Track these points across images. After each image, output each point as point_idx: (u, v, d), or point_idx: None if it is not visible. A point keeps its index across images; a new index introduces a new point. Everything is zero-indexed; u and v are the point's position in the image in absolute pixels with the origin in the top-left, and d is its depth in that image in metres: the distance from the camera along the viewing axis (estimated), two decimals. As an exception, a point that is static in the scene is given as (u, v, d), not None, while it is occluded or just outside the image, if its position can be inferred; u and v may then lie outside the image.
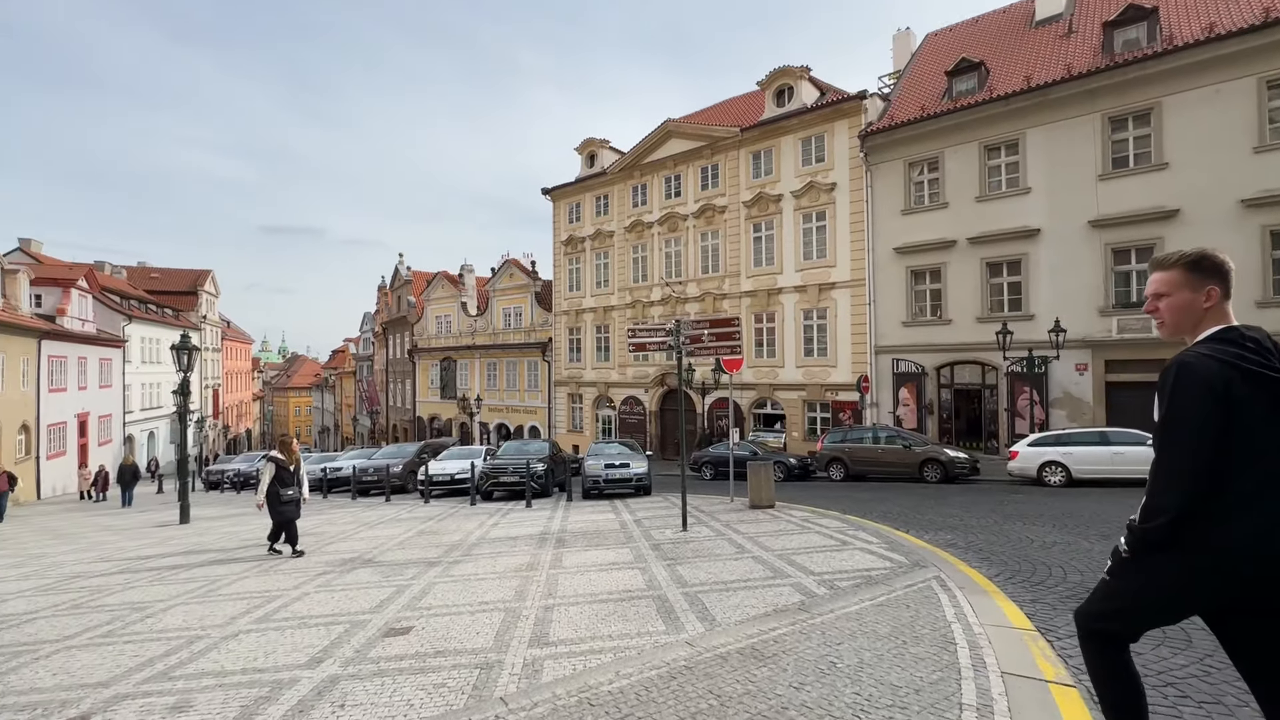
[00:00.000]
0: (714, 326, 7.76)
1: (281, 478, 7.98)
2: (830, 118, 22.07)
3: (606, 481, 13.42)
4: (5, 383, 23.77)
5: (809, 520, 8.68)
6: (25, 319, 26.24)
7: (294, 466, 8.17)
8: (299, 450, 8.45)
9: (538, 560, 6.77)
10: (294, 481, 8.11)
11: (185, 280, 52.65)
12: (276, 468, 8.01)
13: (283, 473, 8.01)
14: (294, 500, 8.03)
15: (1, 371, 23.57)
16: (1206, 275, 1.84)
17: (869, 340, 21.05)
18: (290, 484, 8.04)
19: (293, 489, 8.04)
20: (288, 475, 8.04)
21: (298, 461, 8.28)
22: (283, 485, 7.94)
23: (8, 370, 24.00)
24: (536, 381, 33.29)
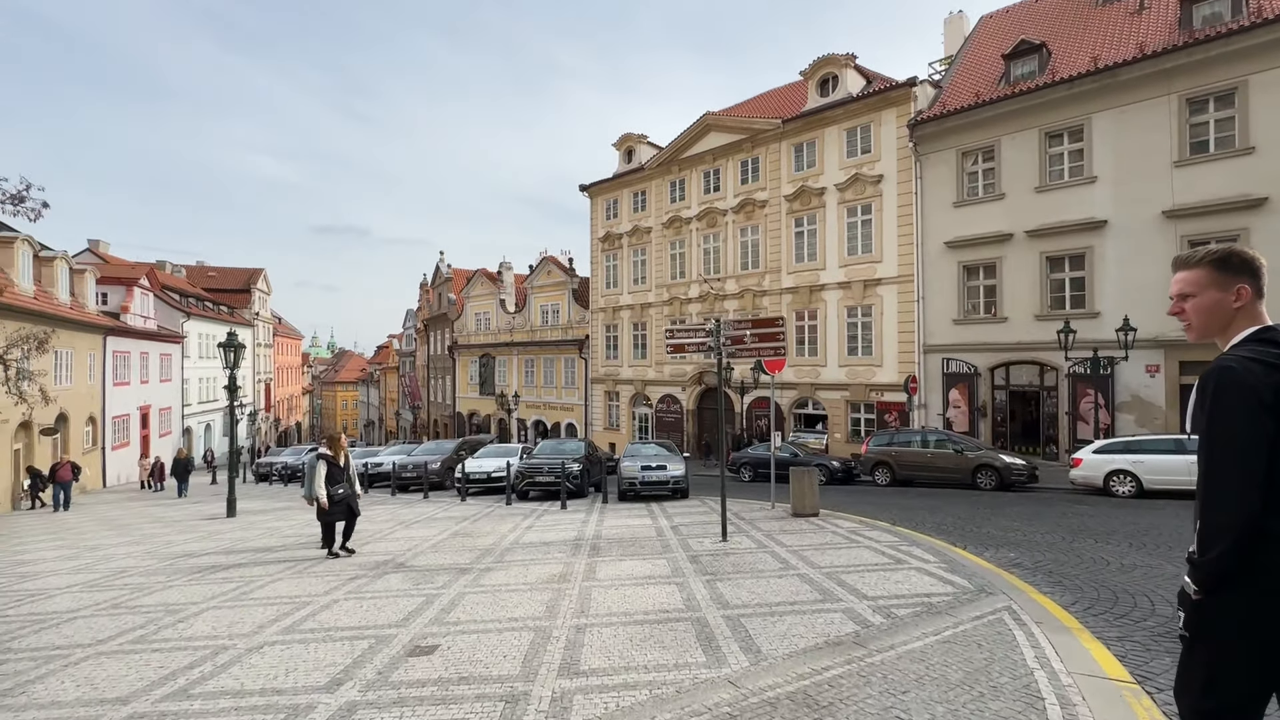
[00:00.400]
0: (757, 327, 7.34)
1: (331, 475, 7.78)
2: (877, 107, 21.19)
3: (643, 484, 13.12)
4: (74, 377, 24.93)
5: (857, 532, 8.18)
6: (92, 316, 27.50)
7: (343, 463, 7.98)
8: (347, 446, 8.25)
9: (570, 570, 6.51)
10: (343, 478, 7.91)
11: (239, 279, 54.69)
12: (327, 465, 7.80)
13: (333, 470, 7.81)
14: (343, 499, 7.82)
15: (70, 366, 24.71)
16: (1235, 273, 1.73)
17: (917, 339, 20.16)
18: (340, 481, 7.84)
19: (342, 486, 7.83)
20: (337, 472, 7.85)
21: (347, 458, 8.09)
22: (332, 483, 7.74)
23: (76, 365, 25.15)
24: (573, 379, 33.26)
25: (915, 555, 6.65)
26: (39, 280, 22.56)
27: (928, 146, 20.02)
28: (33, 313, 19.53)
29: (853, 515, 9.97)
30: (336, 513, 7.78)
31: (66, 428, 23.73)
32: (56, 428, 22.74)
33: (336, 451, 7.98)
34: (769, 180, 24.40)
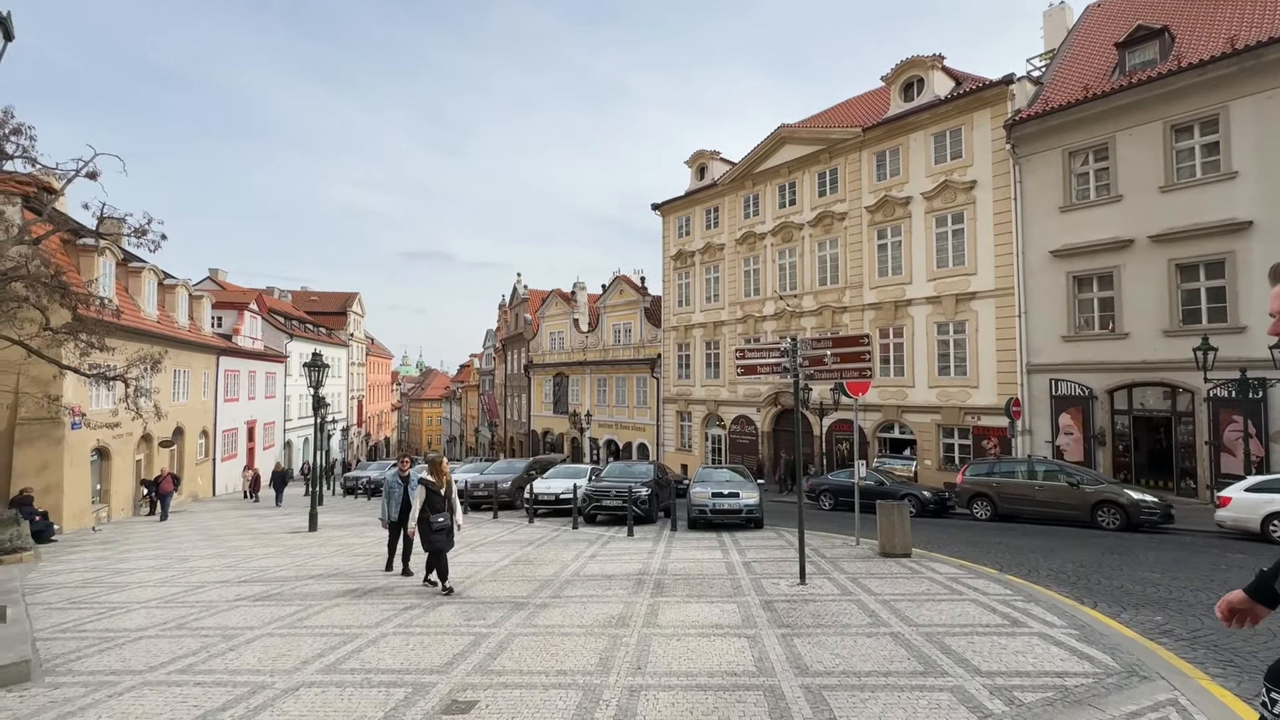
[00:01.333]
0: (838, 345, 6.59)
1: (432, 503, 7.04)
2: (968, 108, 19.72)
3: (714, 512, 12.41)
4: (189, 393, 27.17)
5: (959, 580, 7.14)
6: (207, 338, 30.00)
7: (445, 490, 7.22)
8: (450, 470, 7.54)
9: (631, 613, 5.97)
10: (444, 507, 7.14)
11: (336, 302, 58.64)
12: (428, 492, 7.06)
13: (433, 497, 7.06)
14: (444, 528, 7.05)
15: (187, 384, 26.97)
16: None
17: (1019, 357, 18.31)
18: (441, 509, 7.10)
19: (443, 515, 7.09)
20: (438, 500, 7.10)
21: (449, 484, 7.34)
22: (433, 511, 7.01)
23: (192, 382, 27.42)
24: (645, 398, 32.91)
25: (1035, 615, 5.62)
26: (162, 305, 24.81)
27: (1028, 148, 18.34)
28: (154, 335, 21.40)
29: (952, 557, 8.84)
30: (439, 541, 7.04)
31: (182, 440, 25.80)
32: (173, 440, 24.75)
33: (439, 477, 7.23)
34: (848, 191, 23.26)
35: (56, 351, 14.58)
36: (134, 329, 19.76)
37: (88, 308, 14.07)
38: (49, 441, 16.15)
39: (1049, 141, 17.94)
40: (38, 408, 15.72)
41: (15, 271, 13.11)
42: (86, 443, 17.87)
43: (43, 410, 15.78)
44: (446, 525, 7.10)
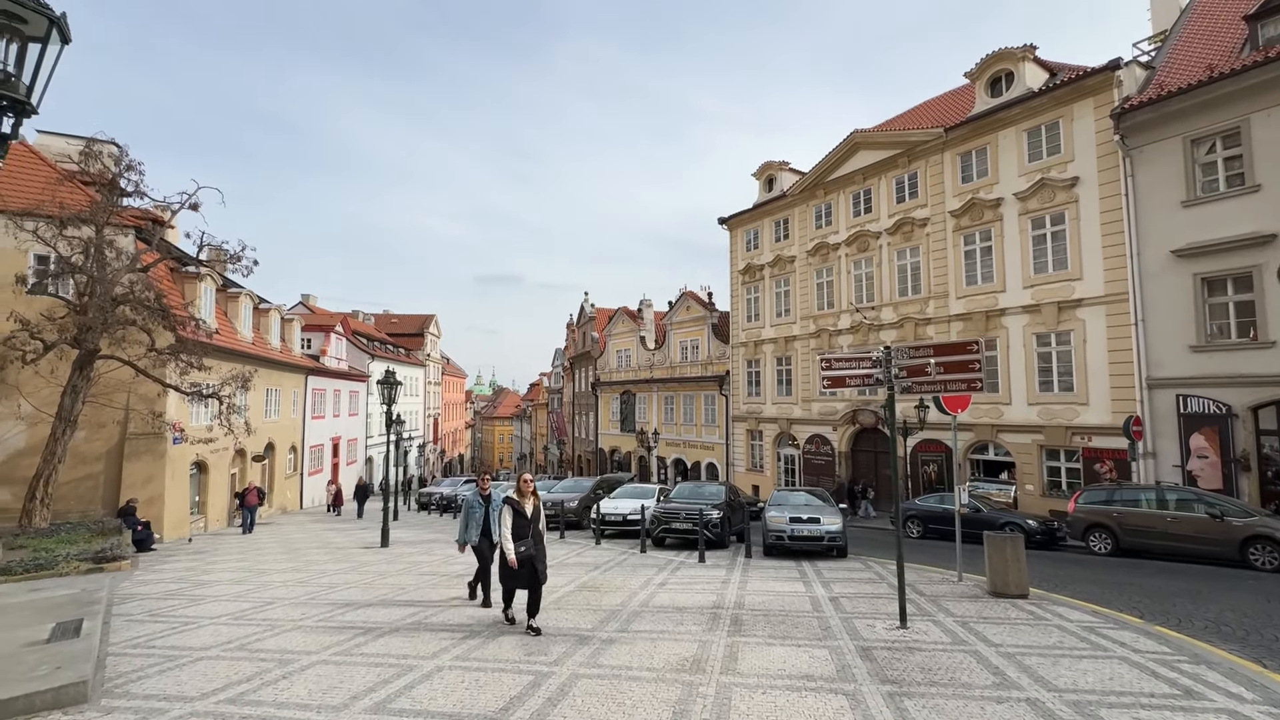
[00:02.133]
0: (943, 354, 5.76)
1: (517, 528, 6.16)
2: (1067, 99, 18.07)
3: (792, 538, 11.49)
4: (281, 410, 28.72)
5: (1097, 631, 6.03)
6: (297, 359, 31.75)
7: (532, 514, 6.31)
8: (534, 487, 6.54)
9: (707, 655, 5.32)
10: (529, 533, 6.20)
11: (415, 324, 61.31)
12: (514, 514, 6.21)
13: (519, 521, 6.20)
14: (527, 558, 6.10)
15: (278, 401, 28.54)
16: None
17: (1137, 371, 16.32)
18: (526, 534, 6.16)
19: (526, 543, 6.13)
20: (524, 524, 6.21)
21: (537, 507, 6.42)
22: (518, 534, 6.14)
23: (283, 400, 28.98)
24: (714, 416, 32.04)
25: (1211, 682, 4.53)
26: (257, 328, 26.44)
27: (1141, 138, 16.52)
28: (249, 355, 22.73)
29: (1078, 600, 7.62)
30: (520, 575, 6.11)
31: (273, 456, 27.20)
32: (264, 455, 26.13)
33: (524, 498, 6.35)
34: (930, 196, 21.85)
35: (161, 371, 15.60)
36: (230, 350, 21.03)
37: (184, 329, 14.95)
38: (153, 455, 17.25)
39: (1166, 129, 16.08)
40: (144, 424, 16.87)
41: (126, 297, 14.18)
42: (186, 457, 19.01)
43: (148, 426, 16.91)
44: (530, 554, 6.12)
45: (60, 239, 13.41)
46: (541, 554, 6.30)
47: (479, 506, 7.83)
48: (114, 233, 15.23)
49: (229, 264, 16.95)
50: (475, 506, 7.84)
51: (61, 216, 13.07)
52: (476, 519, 7.78)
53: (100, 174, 14.35)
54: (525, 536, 6.17)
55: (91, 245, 13.66)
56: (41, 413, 15.27)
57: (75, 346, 13.70)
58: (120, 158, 14.62)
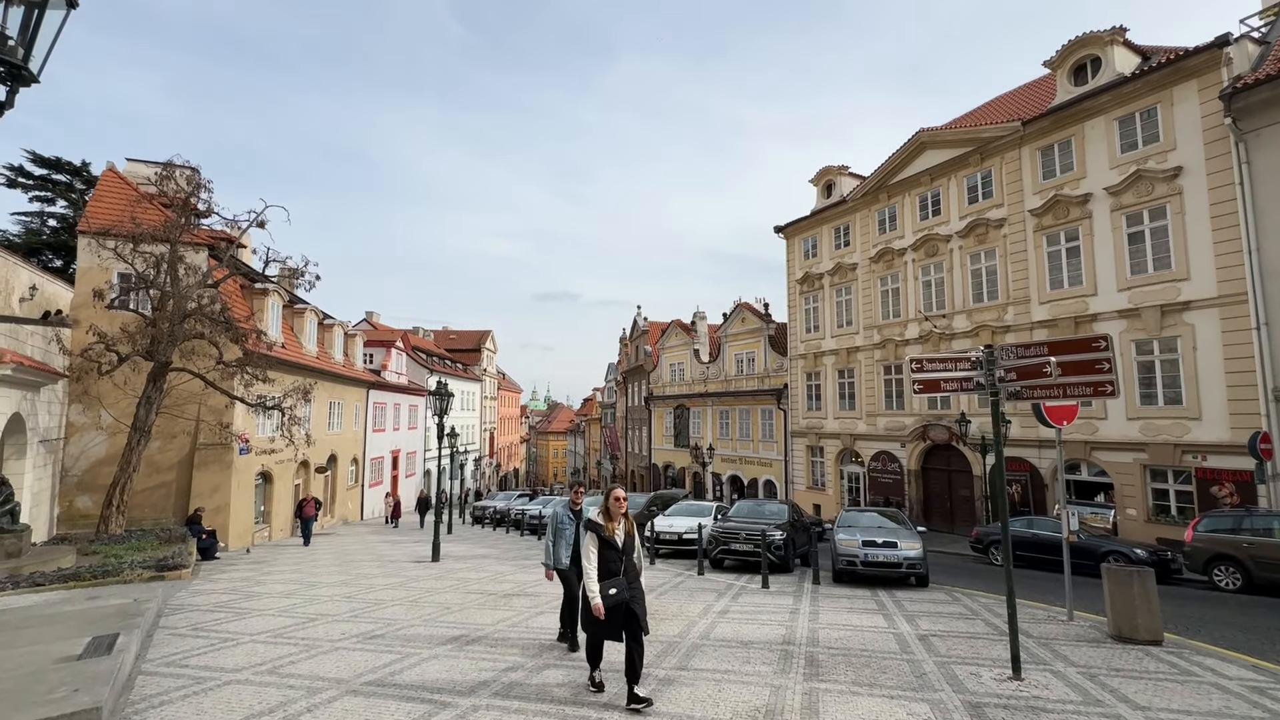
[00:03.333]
0: (1063, 352, 4.83)
1: (606, 561, 4.66)
2: (1166, 83, 16.42)
3: (865, 564, 10.46)
4: (343, 423, 29.47)
5: (1267, 694, 4.89)
6: (360, 373, 32.64)
7: (624, 543, 4.78)
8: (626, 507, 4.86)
9: (780, 704, 4.55)
10: (620, 568, 4.67)
11: (472, 340, 62.63)
12: (600, 542, 4.72)
13: (608, 552, 4.69)
14: (619, 602, 4.53)
15: (341, 414, 29.30)
16: None
17: (1261, 381, 14.41)
18: (617, 570, 4.65)
19: (616, 585, 4.57)
20: (613, 558, 4.68)
21: (630, 534, 4.86)
22: (606, 572, 4.65)
23: (345, 413, 29.75)
24: (771, 431, 30.83)
25: None
26: (321, 343, 27.27)
27: (1256, 120, 14.75)
28: (312, 369, 23.36)
29: (1223, 649, 6.38)
30: (610, 626, 4.57)
31: (335, 467, 27.85)
32: (328, 467, 26.76)
33: (613, 522, 4.82)
34: (1006, 195, 20.34)
35: (228, 383, 16.06)
36: (293, 363, 21.62)
37: (246, 341, 15.31)
38: (220, 465, 17.75)
39: (1288, 109, 14.28)
40: (212, 434, 17.40)
41: (194, 311, 14.69)
42: (252, 467, 19.52)
43: (216, 437, 17.43)
44: (623, 598, 4.55)
45: (137, 255, 14.00)
46: (639, 597, 4.68)
47: (570, 524, 6.57)
48: (187, 250, 15.88)
49: (293, 278, 17.44)
50: (566, 523, 6.58)
51: (135, 234, 13.60)
52: (567, 538, 6.47)
53: (175, 194, 14.99)
54: (616, 574, 4.63)
55: (164, 261, 14.19)
56: (120, 423, 15.95)
57: (148, 359, 14.23)
58: (193, 178, 15.26)
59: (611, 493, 4.86)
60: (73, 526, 15.82)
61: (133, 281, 14.73)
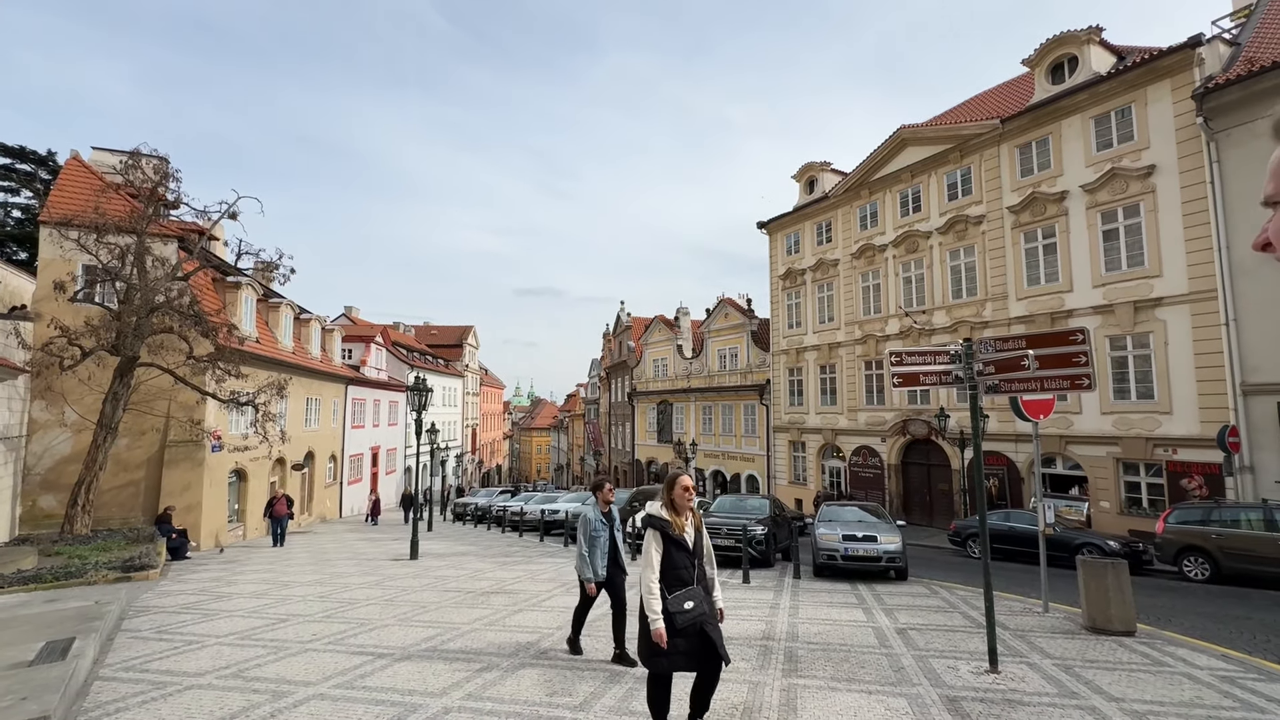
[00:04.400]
0: (1040, 345, 4.84)
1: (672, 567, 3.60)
2: (1140, 82, 16.67)
3: (845, 558, 10.49)
4: (320, 420, 28.97)
5: (1238, 683, 4.95)
6: (338, 369, 32.07)
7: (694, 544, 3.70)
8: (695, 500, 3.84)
9: (760, 702, 4.50)
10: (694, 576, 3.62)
11: (454, 335, 61.95)
12: (664, 539, 3.65)
13: (677, 555, 3.62)
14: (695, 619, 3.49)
15: (318, 411, 28.79)
16: None
17: (1230, 376, 14.73)
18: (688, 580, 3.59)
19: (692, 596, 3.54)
20: (684, 561, 3.62)
21: (700, 532, 3.80)
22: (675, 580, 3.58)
23: (323, 410, 29.24)
24: (754, 426, 30.94)
25: None
26: (298, 338, 26.72)
27: (1227, 120, 15.03)
28: (288, 364, 22.89)
29: (1194, 639, 6.47)
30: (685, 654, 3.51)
31: (313, 464, 27.37)
32: (304, 464, 26.28)
33: (681, 516, 3.72)
34: (985, 192, 20.54)
35: (199, 379, 15.64)
36: (268, 358, 21.16)
37: (218, 335, 14.92)
38: (191, 463, 17.31)
39: (1257, 109, 14.56)
40: (183, 431, 16.95)
41: (166, 305, 14.26)
42: (225, 465, 19.08)
43: (187, 434, 16.99)
44: (701, 614, 3.49)
45: (101, 247, 13.54)
46: (712, 614, 3.59)
47: (604, 528, 5.76)
48: (155, 242, 15.40)
49: (268, 272, 17.02)
50: (599, 528, 5.73)
51: (99, 224, 13.16)
52: (602, 545, 5.70)
53: (142, 184, 14.52)
54: (688, 583, 3.53)
55: (130, 253, 13.75)
56: (85, 420, 15.46)
57: (114, 354, 13.79)
58: (160, 166, 14.80)
59: (677, 480, 3.75)
60: (36, 527, 15.33)
61: (98, 274, 14.25)
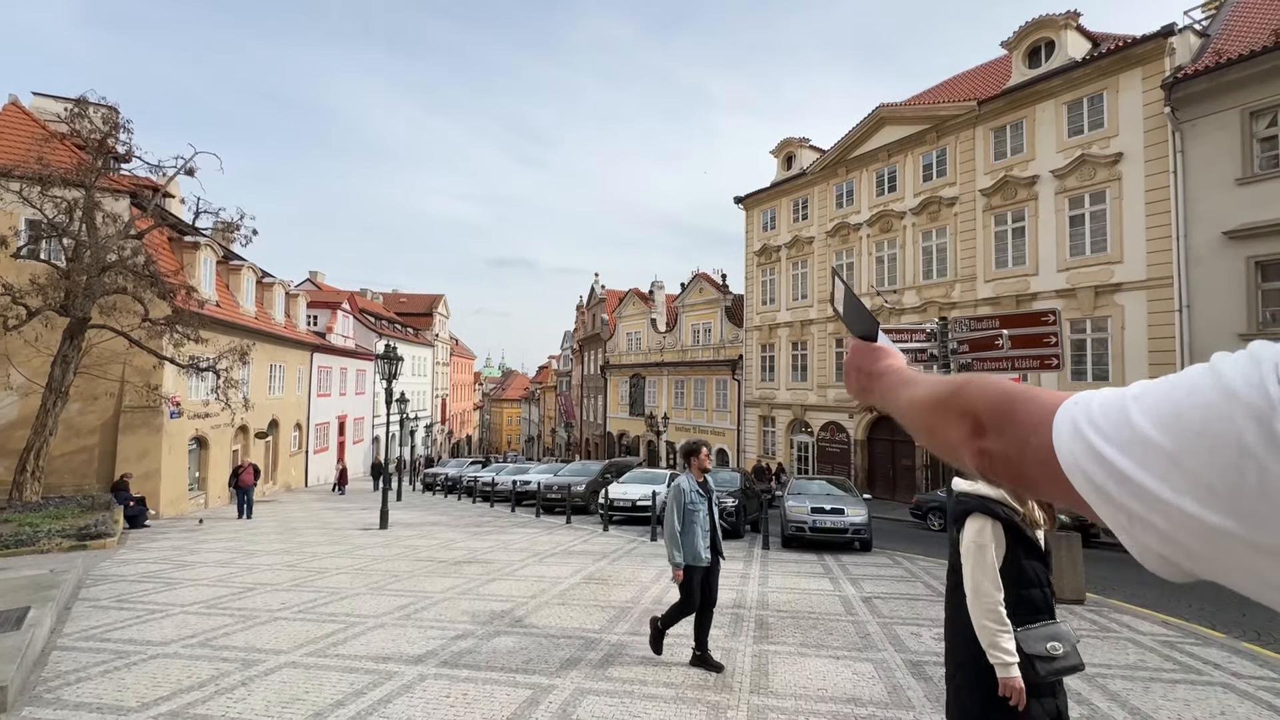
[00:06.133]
0: (1014, 326, 4.96)
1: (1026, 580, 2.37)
2: (1113, 69, 16.92)
3: (814, 530, 10.77)
4: (285, 387, 28.24)
5: (1177, 647, 5.27)
6: (303, 335, 31.19)
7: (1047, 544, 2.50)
8: None
9: (732, 666, 4.62)
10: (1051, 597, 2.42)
11: (424, 304, 60.70)
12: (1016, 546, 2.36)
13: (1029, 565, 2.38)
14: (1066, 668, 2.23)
15: (283, 378, 28.05)
16: None
17: (1180, 360, 15.36)
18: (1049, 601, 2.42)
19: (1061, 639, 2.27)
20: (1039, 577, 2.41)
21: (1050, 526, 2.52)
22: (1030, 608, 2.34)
23: (288, 377, 28.49)
24: (725, 401, 31.28)
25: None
26: (260, 302, 25.84)
27: (1193, 111, 15.39)
28: (250, 330, 22.16)
29: (1137, 606, 6.86)
30: None
31: (277, 433, 26.77)
32: (268, 432, 25.69)
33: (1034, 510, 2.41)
34: (959, 174, 20.77)
35: (156, 343, 15.03)
36: (229, 323, 20.45)
37: (175, 297, 14.32)
38: (149, 430, 16.75)
39: (1222, 101, 14.95)
40: (139, 397, 16.35)
41: (118, 264, 13.57)
42: (185, 432, 18.52)
43: (144, 399, 16.40)
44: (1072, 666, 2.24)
45: (46, 200, 12.77)
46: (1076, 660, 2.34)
47: (702, 502, 4.72)
48: (105, 196, 14.58)
49: (228, 232, 16.33)
50: (697, 502, 4.69)
51: (42, 175, 12.38)
52: (702, 523, 4.66)
53: (90, 134, 13.67)
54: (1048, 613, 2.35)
55: (78, 208, 13.01)
56: (33, 384, 14.77)
57: (63, 314, 13.13)
58: (109, 117, 13.93)
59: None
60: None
61: (43, 229, 13.46)
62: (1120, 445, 0.41)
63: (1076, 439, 0.44)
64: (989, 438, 0.52)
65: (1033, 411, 0.49)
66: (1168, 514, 0.39)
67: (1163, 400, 0.41)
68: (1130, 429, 0.41)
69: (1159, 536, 0.40)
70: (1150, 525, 0.40)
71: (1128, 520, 0.42)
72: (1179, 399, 0.40)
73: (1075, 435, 0.44)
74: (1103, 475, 0.42)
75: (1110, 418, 0.43)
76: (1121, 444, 0.41)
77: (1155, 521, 0.40)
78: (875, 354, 0.82)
